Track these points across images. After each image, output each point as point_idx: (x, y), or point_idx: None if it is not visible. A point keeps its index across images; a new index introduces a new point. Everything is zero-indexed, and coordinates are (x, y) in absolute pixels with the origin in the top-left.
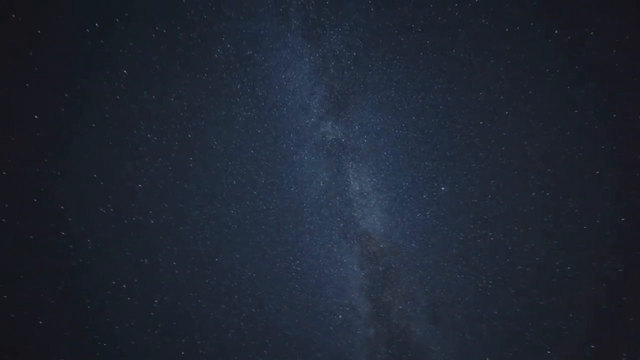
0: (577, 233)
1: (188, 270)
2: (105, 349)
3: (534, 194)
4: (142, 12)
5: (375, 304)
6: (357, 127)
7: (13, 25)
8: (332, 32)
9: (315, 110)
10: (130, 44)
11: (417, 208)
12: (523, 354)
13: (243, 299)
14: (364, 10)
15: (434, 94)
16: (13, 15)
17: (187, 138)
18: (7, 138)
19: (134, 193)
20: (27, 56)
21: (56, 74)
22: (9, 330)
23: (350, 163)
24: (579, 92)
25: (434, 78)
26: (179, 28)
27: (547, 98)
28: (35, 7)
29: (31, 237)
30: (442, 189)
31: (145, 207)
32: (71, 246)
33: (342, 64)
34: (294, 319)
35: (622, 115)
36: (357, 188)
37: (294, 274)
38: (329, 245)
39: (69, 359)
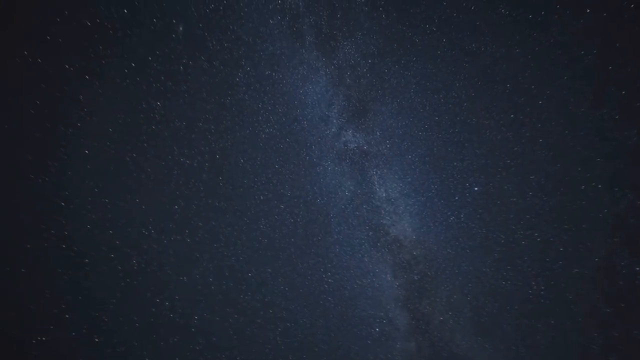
0: None
1: (224, 286)
2: None
3: (583, 187)
4: (171, 49)
5: (413, 315)
6: (378, 133)
7: (62, 72)
8: (345, 43)
9: (335, 121)
10: (162, 77)
11: (449, 211)
12: None
13: (277, 314)
14: (376, 17)
15: (457, 92)
16: (66, 66)
17: (216, 159)
18: (60, 172)
19: (171, 214)
20: (77, 100)
21: (100, 111)
22: (69, 348)
23: (375, 170)
24: (624, 70)
25: (454, 75)
26: (203, 58)
27: (587, 81)
28: (80, 56)
29: (86, 260)
30: (475, 189)
31: (181, 227)
32: (119, 267)
33: (357, 72)
34: (330, 332)
35: None
36: (384, 195)
37: (326, 286)
38: (360, 255)
39: None
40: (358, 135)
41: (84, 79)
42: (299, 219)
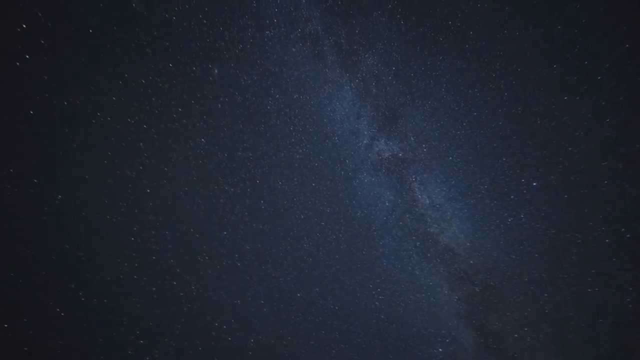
0: None
1: (275, 307)
2: None
3: None
4: (209, 90)
5: (480, 332)
6: (412, 138)
7: (126, 125)
8: (366, 55)
9: (365, 132)
10: (204, 117)
11: (506, 212)
12: None
13: (330, 334)
14: (395, 25)
15: (494, 83)
16: (128, 119)
17: (256, 184)
18: (129, 211)
19: (222, 240)
20: (138, 147)
21: (157, 154)
22: None
23: (414, 176)
24: None
25: (489, 66)
26: (236, 93)
27: None
28: (139, 109)
29: (153, 288)
30: (534, 184)
31: (231, 252)
32: (181, 294)
33: (383, 81)
34: (388, 354)
35: None
36: (427, 201)
37: (377, 303)
38: (409, 268)
39: None
40: (391, 143)
41: (143, 128)
42: (341, 235)
